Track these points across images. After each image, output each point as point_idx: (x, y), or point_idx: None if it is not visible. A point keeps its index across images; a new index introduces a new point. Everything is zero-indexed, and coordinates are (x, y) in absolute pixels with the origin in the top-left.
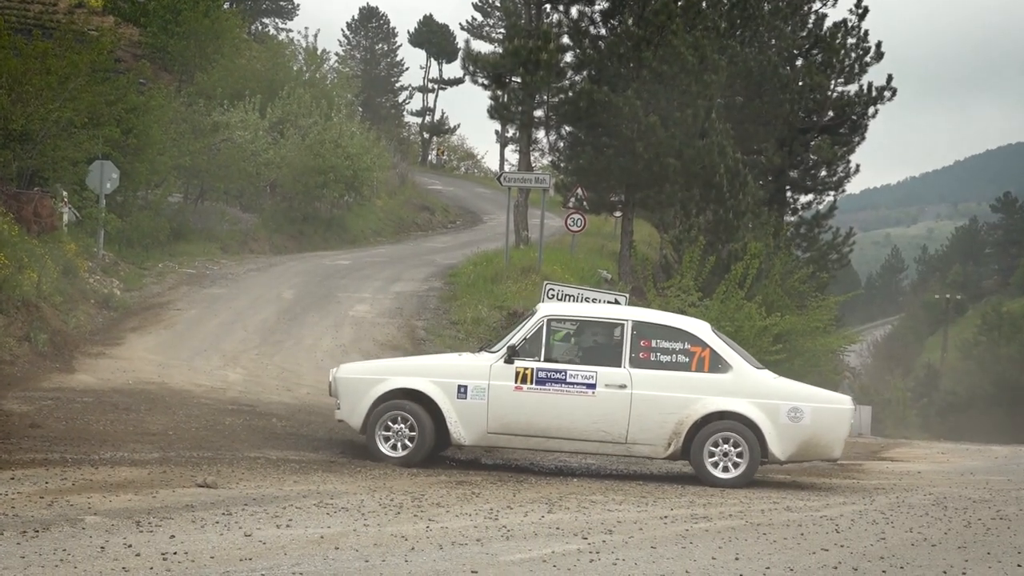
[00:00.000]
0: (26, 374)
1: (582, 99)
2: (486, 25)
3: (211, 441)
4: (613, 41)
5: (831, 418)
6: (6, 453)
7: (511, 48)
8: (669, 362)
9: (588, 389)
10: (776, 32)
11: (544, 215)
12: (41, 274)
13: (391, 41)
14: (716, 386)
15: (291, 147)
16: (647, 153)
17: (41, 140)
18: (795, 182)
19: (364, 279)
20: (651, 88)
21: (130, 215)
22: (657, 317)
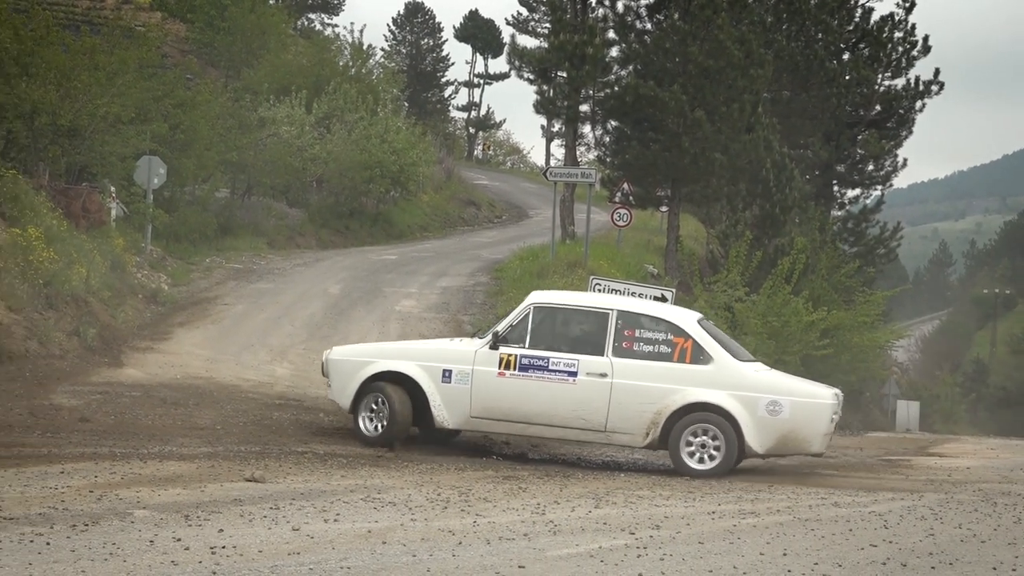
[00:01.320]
0: (75, 368)
1: (628, 94)
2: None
3: (259, 436)
4: (659, 35)
5: (810, 412)
6: (56, 447)
7: (557, 43)
8: (651, 352)
9: (569, 377)
10: (823, 26)
11: (590, 210)
12: (90, 269)
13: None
14: (696, 377)
15: (337, 142)
16: (693, 148)
17: (89, 136)
18: (842, 176)
19: (410, 274)
20: (697, 82)
21: (177, 210)
22: (642, 307)
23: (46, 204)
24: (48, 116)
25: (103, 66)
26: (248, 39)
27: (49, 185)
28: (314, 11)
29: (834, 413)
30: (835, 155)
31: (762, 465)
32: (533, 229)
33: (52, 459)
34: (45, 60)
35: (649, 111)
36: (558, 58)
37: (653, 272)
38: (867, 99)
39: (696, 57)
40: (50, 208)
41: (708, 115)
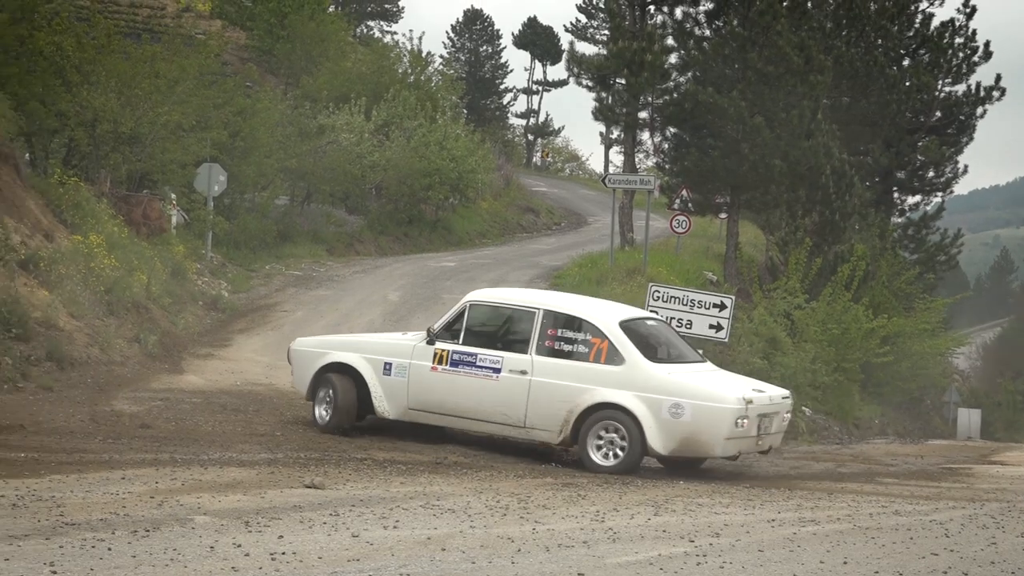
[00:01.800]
0: (136, 375)
1: (687, 100)
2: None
3: (318, 442)
4: (718, 42)
5: (711, 416)
6: (117, 453)
7: (615, 50)
8: (570, 351)
9: (494, 373)
10: (882, 32)
11: (649, 217)
12: (150, 276)
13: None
14: (608, 378)
15: (396, 149)
16: (753, 154)
17: (150, 143)
18: (902, 183)
19: (469, 281)
20: (756, 89)
21: (237, 217)
22: (567, 307)
23: (107, 211)
24: (109, 124)
25: (164, 74)
26: (308, 47)
27: (110, 192)
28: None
29: (739, 418)
30: (895, 161)
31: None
32: (592, 236)
33: (113, 465)
34: (106, 68)
35: (708, 117)
36: (617, 65)
37: (712, 279)
38: (927, 105)
39: (755, 63)
40: (111, 215)
41: (767, 121)
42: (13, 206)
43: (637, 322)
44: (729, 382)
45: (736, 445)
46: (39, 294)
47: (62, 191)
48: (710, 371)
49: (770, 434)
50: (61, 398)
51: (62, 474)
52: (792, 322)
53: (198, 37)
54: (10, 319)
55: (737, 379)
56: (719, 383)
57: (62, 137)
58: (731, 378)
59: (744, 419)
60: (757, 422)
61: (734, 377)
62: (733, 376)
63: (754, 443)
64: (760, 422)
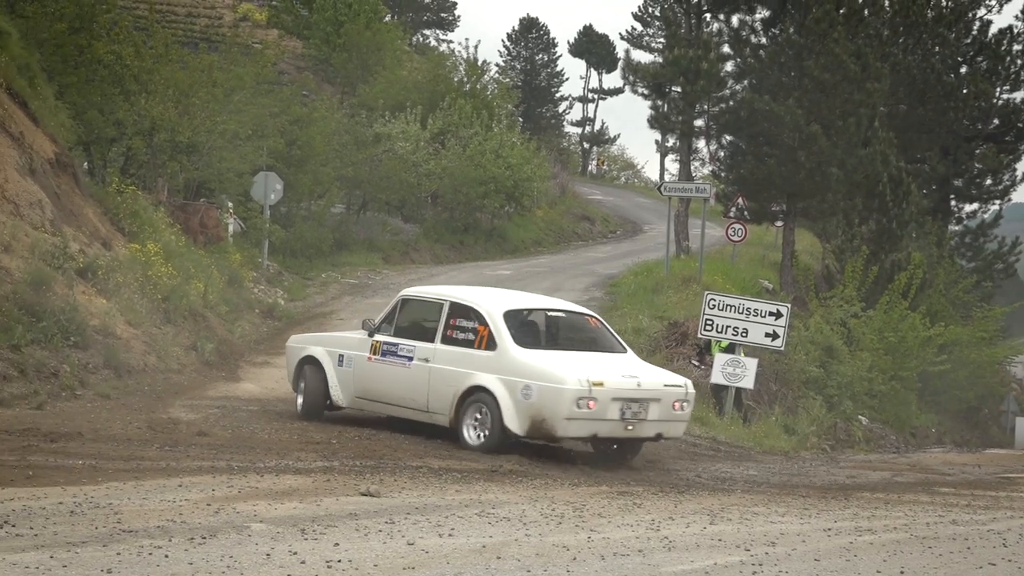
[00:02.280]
0: (193, 383)
1: (743, 108)
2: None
3: (374, 450)
4: (774, 50)
5: (552, 397)
6: (174, 461)
7: (671, 58)
8: (463, 339)
9: (408, 362)
10: (940, 39)
11: (705, 225)
12: (207, 284)
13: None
14: (484, 362)
15: (452, 158)
16: (809, 162)
17: (207, 152)
18: (959, 191)
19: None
20: (813, 97)
21: (294, 226)
22: (467, 298)
23: (165, 220)
24: (167, 132)
25: (221, 83)
26: (364, 55)
27: (168, 201)
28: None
29: (580, 399)
30: (952, 169)
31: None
32: (647, 244)
33: (170, 472)
34: (164, 77)
35: (764, 125)
36: (672, 73)
37: (768, 287)
38: (985, 112)
39: (812, 71)
40: (168, 224)
41: (824, 129)
42: (71, 215)
43: (526, 312)
44: (594, 366)
45: (586, 427)
46: (97, 302)
47: (120, 200)
48: (607, 359)
49: (647, 421)
50: (119, 405)
51: (119, 481)
52: (848, 330)
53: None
54: (68, 327)
55: (622, 366)
56: (571, 366)
57: (120, 146)
58: (614, 364)
59: (589, 400)
60: (620, 406)
61: (630, 366)
62: (631, 365)
63: (620, 428)
64: (625, 407)
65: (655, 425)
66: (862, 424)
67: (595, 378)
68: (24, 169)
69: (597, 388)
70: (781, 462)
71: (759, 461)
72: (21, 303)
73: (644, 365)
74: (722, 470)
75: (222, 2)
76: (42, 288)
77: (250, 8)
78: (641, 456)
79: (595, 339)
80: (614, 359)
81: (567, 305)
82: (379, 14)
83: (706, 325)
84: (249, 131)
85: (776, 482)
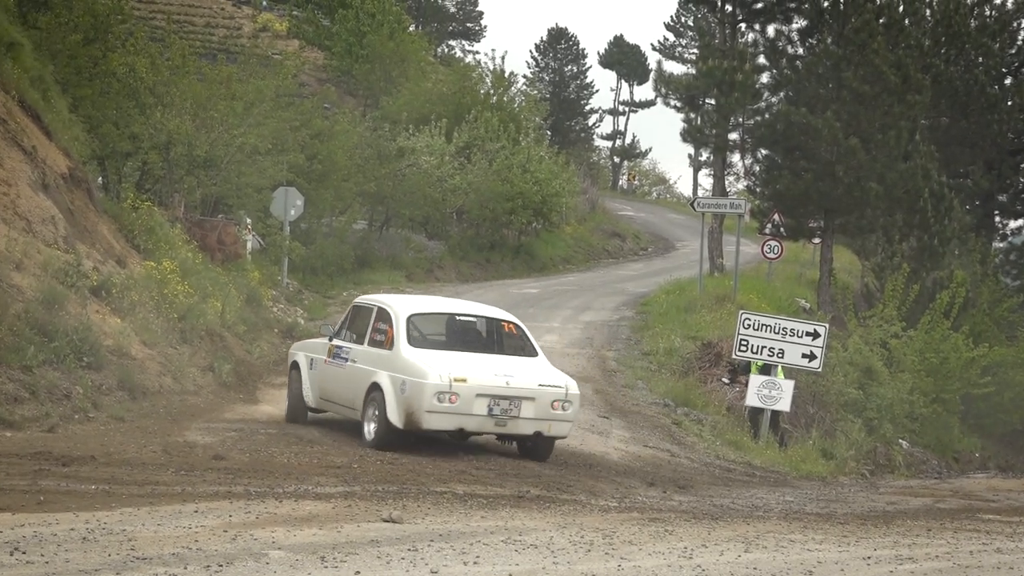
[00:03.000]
0: (210, 405)
1: (779, 121)
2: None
3: (396, 475)
4: (811, 60)
5: (416, 391)
6: (190, 485)
7: (705, 69)
8: (378, 340)
9: (344, 363)
10: (983, 49)
11: (739, 242)
12: (225, 303)
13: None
14: (384, 361)
15: (478, 172)
16: (847, 177)
17: (225, 166)
18: (1004, 206)
19: (553, 308)
20: (851, 109)
21: (314, 242)
22: (387, 302)
23: (181, 236)
24: (184, 146)
25: (240, 95)
26: (387, 67)
27: (184, 217)
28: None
29: (441, 393)
30: (997, 184)
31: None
32: (680, 262)
33: (186, 497)
34: (181, 90)
35: (801, 139)
36: (706, 84)
37: (805, 307)
38: None
39: (850, 83)
40: (185, 240)
41: (863, 143)
42: (85, 231)
43: (434, 315)
44: (470, 365)
45: (450, 421)
46: (111, 321)
47: (135, 216)
48: (501, 360)
49: (520, 419)
50: (133, 428)
51: (133, 507)
52: (888, 351)
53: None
54: (82, 347)
55: (508, 367)
56: (442, 363)
57: (135, 160)
58: (501, 365)
59: (450, 395)
60: (487, 403)
61: (519, 367)
62: (521, 367)
63: (489, 424)
64: (494, 404)
65: (531, 423)
66: (903, 448)
67: (458, 374)
68: (37, 184)
69: (459, 384)
70: (818, 488)
71: (796, 487)
72: (33, 322)
73: (539, 367)
74: (757, 496)
75: (241, 12)
76: (54, 307)
77: (270, 18)
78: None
79: (503, 342)
80: (511, 361)
81: (484, 311)
82: (403, 24)
83: (740, 345)
84: (269, 145)
85: (813, 508)
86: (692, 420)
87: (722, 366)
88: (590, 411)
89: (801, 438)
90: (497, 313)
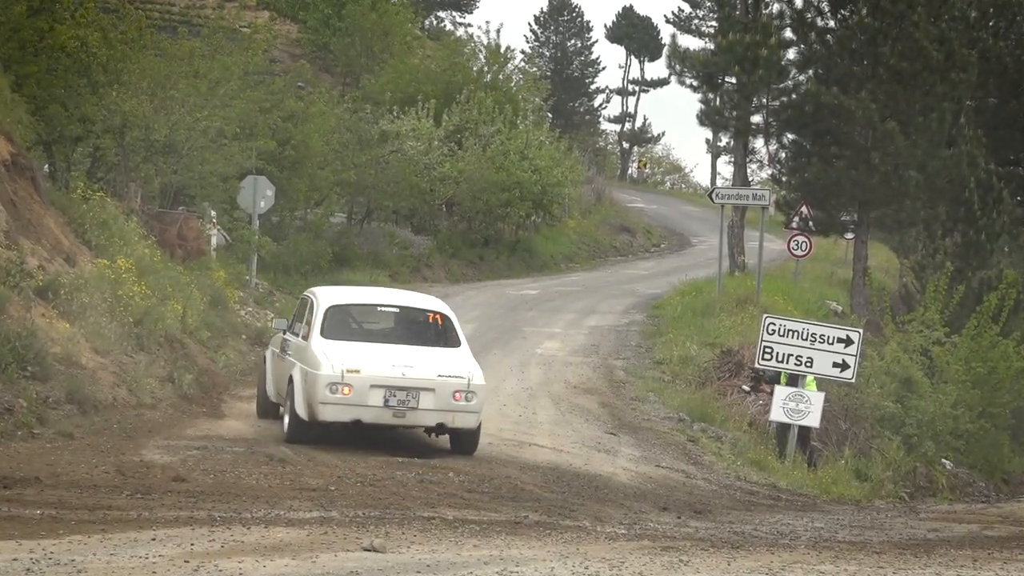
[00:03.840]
0: (169, 420)
1: (808, 102)
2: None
3: (378, 498)
4: (844, 35)
5: (310, 382)
6: (147, 510)
7: (725, 44)
8: (304, 332)
9: (285, 355)
10: None
11: (763, 237)
12: (186, 306)
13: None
14: (301, 354)
15: (470, 159)
16: (884, 164)
17: (187, 153)
18: None
19: (554, 311)
20: (889, 89)
21: (287, 238)
22: (318, 293)
23: (137, 231)
24: (141, 130)
25: (203, 73)
26: (368, 41)
27: (141, 209)
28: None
29: (333, 383)
30: None
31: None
32: (696, 260)
33: (142, 524)
34: (138, 67)
35: (832, 122)
36: (726, 61)
37: (837, 310)
38: None
39: (888, 59)
40: (142, 236)
41: (902, 126)
42: (30, 225)
43: (353, 306)
44: (370, 355)
45: (346, 412)
46: (59, 326)
47: (86, 208)
48: (415, 351)
49: (419, 410)
50: (83, 446)
51: (84, 534)
52: (930, 360)
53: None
54: (25, 355)
55: (415, 357)
56: (340, 354)
57: (86, 146)
58: (410, 356)
59: (342, 386)
60: (383, 394)
61: (445, 360)
62: (448, 359)
63: (387, 415)
64: (390, 395)
65: (432, 415)
66: (946, 469)
67: (351, 365)
68: None
69: (352, 375)
70: (852, 512)
71: (826, 511)
72: None
73: (451, 358)
74: (783, 522)
75: None
76: None
77: None
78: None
79: (424, 332)
80: (421, 352)
81: (410, 300)
82: None
83: (764, 353)
84: (236, 129)
85: (846, 536)
86: (710, 437)
87: (743, 376)
88: (596, 427)
89: (832, 457)
90: (424, 302)
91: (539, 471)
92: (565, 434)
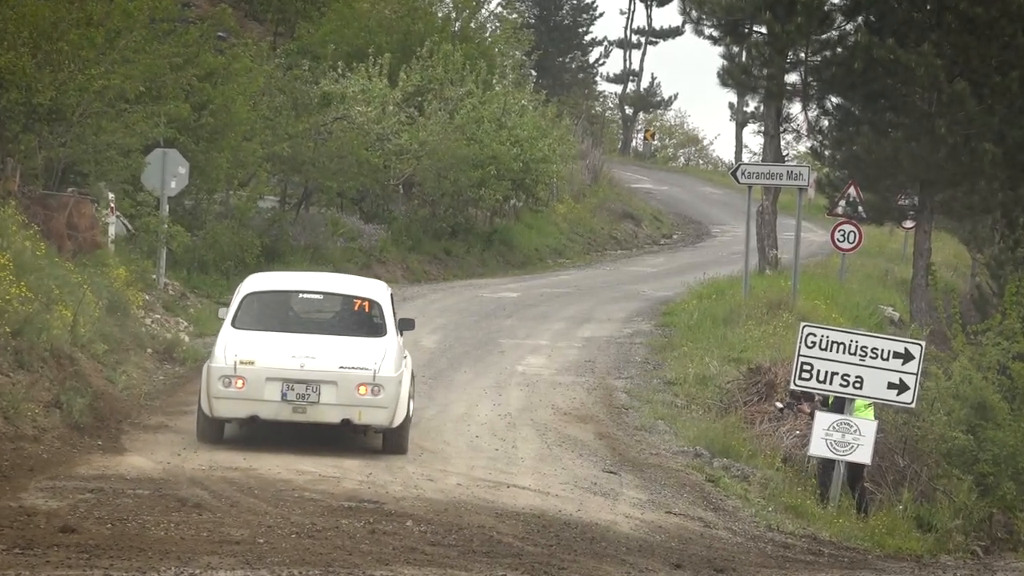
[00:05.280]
0: (56, 455)
1: (857, 58)
2: None
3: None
4: None
5: (206, 375)
6: (27, 568)
7: None
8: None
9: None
10: None
11: (801, 226)
12: (78, 312)
13: None
14: (224, 340)
15: (434, 129)
16: (952, 135)
17: (79, 120)
18: None
19: (539, 319)
20: (958, 40)
21: (204, 227)
22: (246, 280)
23: (16, 218)
24: (20, 91)
25: (99, 21)
26: None
27: (21, 191)
28: None
29: (225, 377)
30: None
31: None
32: (718, 253)
33: None
34: (16, 12)
35: (887, 82)
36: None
37: (893, 317)
38: None
39: (957, 4)
40: (21, 224)
41: (974, 88)
42: None
43: (275, 293)
44: (268, 346)
45: (241, 407)
46: None
47: None
48: (330, 341)
49: (320, 405)
50: None
51: None
52: (1010, 380)
53: None
54: None
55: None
56: (237, 344)
57: None
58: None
59: (235, 379)
60: (280, 387)
61: (358, 350)
62: (362, 349)
63: (286, 410)
64: (287, 388)
65: (336, 410)
66: None
67: (245, 356)
68: None
69: (246, 367)
70: (912, 570)
71: (880, 569)
72: None
73: (368, 348)
74: None
75: None
76: None
77: None
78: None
79: (347, 321)
80: (333, 341)
81: (336, 286)
82: None
83: (802, 372)
84: (140, 89)
85: None
86: (734, 476)
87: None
88: (591, 464)
89: (887, 501)
90: (354, 288)
91: (520, 519)
92: (553, 473)
